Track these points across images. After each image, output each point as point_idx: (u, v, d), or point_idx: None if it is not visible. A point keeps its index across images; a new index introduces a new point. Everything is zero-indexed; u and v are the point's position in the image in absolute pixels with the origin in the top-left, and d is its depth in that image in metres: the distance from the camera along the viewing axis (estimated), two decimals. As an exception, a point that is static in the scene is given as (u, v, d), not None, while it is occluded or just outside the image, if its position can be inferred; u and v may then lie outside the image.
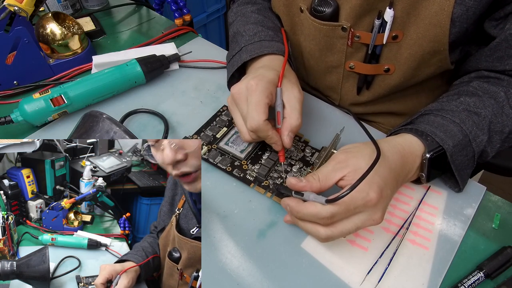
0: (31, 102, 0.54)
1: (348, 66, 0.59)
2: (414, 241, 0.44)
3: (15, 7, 0.55)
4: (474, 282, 0.39)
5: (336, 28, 0.54)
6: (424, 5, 0.48)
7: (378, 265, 0.41)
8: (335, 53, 0.58)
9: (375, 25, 0.51)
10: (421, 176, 0.46)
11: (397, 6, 0.49)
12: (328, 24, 0.54)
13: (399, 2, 0.49)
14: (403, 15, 0.50)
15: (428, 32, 0.50)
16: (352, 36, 0.55)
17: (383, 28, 0.52)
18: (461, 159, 0.45)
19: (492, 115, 0.47)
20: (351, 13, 0.52)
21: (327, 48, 0.58)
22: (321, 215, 0.38)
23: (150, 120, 0.58)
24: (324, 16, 0.54)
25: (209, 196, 0.48)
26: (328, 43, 0.57)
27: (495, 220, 0.46)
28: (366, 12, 0.51)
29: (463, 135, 0.45)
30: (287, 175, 0.49)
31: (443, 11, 0.47)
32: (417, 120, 0.48)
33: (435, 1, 0.47)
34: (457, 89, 0.53)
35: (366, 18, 0.52)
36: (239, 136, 0.54)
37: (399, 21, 0.51)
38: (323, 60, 0.60)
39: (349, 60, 0.58)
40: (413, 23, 0.51)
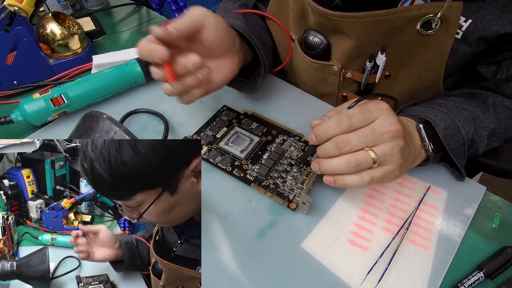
0: (31, 102, 0.54)
1: (341, 95, 0.59)
2: (414, 241, 0.44)
3: (15, 7, 0.55)
4: (474, 282, 0.39)
5: (327, 67, 0.54)
6: (418, 51, 0.48)
7: (378, 265, 0.41)
8: (327, 85, 0.59)
9: (367, 68, 0.51)
10: (424, 146, 0.46)
11: (390, 52, 0.49)
12: (318, 63, 0.55)
13: (392, 48, 0.49)
14: (396, 58, 0.50)
15: (423, 74, 0.51)
16: (344, 74, 0.55)
17: (375, 70, 0.51)
18: (453, 145, 0.46)
19: (478, 111, 0.48)
20: (341, 56, 0.52)
21: (319, 80, 0.59)
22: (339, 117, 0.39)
23: (150, 120, 0.58)
24: (315, 54, 0.54)
25: (209, 196, 0.48)
26: (320, 77, 0.58)
27: (495, 220, 0.46)
28: (357, 56, 0.51)
29: (451, 121, 0.46)
30: (287, 174, 0.49)
31: (439, 58, 0.48)
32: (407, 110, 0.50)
33: (429, 48, 0.47)
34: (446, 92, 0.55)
35: (357, 60, 0.52)
36: (240, 136, 0.54)
37: (392, 63, 0.51)
38: (316, 88, 0.61)
39: (341, 91, 0.59)
40: (406, 66, 0.51)
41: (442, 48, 0.47)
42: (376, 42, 0.48)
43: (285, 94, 0.62)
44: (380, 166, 0.40)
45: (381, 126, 0.39)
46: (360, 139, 0.39)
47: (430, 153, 0.46)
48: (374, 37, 0.47)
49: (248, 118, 0.57)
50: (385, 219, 0.46)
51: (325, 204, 0.47)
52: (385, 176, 0.40)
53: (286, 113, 0.59)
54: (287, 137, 0.54)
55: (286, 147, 0.53)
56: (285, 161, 0.51)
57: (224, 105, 0.60)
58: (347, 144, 0.39)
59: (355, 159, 0.39)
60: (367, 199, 0.48)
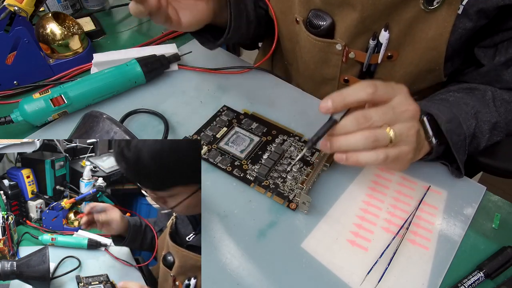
0: (31, 102, 0.54)
1: (343, 79, 0.59)
2: (414, 241, 0.44)
3: (15, 7, 0.55)
4: (474, 282, 0.39)
5: (331, 45, 0.54)
6: (420, 29, 0.49)
7: (378, 265, 0.41)
8: (330, 66, 0.58)
9: (370, 46, 0.52)
10: (427, 138, 0.45)
11: (393, 29, 0.49)
12: (323, 41, 0.55)
13: (395, 25, 0.49)
14: (399, 37, 0.50)
15: (424, 54, 0.51)
16: (347, 54, 0.55)
17: (378, 48, 0.51)
18: (455, 139, 0.45)
19: (479, 106, 0.48)
20: (346, 32, 0.52)
21: (322, 61, 0.58)
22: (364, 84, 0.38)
23: (150, 120, 0.58)
24: (320, 32, 0.54)
25: (209, 196, 0.48)
26: (323, 57, 0.57)
27: (495, 220, 0.46)
28: (361, 33, 0.51)
29: (453, 115, 0.46)
30: (287, 174, 0.49)
31: (441, 36, 0.48)
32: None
33: (431, 26, 0.48)
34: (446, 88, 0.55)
35: (361, 38, 0.52)
36: (240, 136, 0.54)
37: (394, 43, 0.51)
38: (318, 72, 0.61)
39: (343, 74, 0.58)
40: (408, 45, 0.51)
41: (445, 25, 0.47)
42: (380, 17, 0.49)
43: (285, 94, 0.62)
44: (395, 146, 0.39)
45: (401, 104, 0.39)
46: (380, 116, 0.38)
47: (433, 145, 0.45)
48: (378, 9, 0.48)
49: (248, 118, 0.57)
50: (385, 219, 0.46)
51: (325, 204, 0.47)
52: (399, 156, 0.40)
53: (286, 113, 0.59)
54: (287, 137, 0.54)
55: (286, 147, 0.53)
56: (285, 161, 0.51)
57: (224, 105, 0.60)
58: (368, 120, 0.38)
59: (373, 135, 0.38)
60: (367, 199, 0.48)
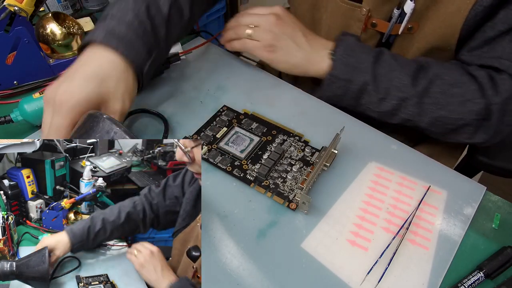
0: (31, 102, 0.54)
1: None
2: (414, 241, 0.44)
3: (15, 7, 0.55)
4: (474, 282, 0.39)
5: (355, 9, 0.56)
6: (443, 2, 0.50)
7: (378, 265, 0.41)
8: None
9: (394, 15, 0.52)
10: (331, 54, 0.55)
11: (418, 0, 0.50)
12: (348, 3, 0.56)
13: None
14: (423, 8, 0.51)
15: (440, 29, 0.52)
16: (368, 21, 0.56)
17: (401, 18, 0.52)
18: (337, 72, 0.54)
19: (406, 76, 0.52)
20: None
21: (343, 27, 0.59)
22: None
23: (150, 120, 0.58)
24: None
25: (209, 196, 0.48)
26: (345, 23, 0.58)
27: (495, 220, 0.46)
28: (388, 0, 0.52)
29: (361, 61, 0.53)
30: (287, 174, 0.49)
31: (459, 12, 0.49)
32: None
33: (454, 2, 0.48)
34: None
35: (386, 6, 0.53)
36: (240, 136, 0.54)
37: (417, 14, 0.52)
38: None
39: None
40: (429, 18, 0.52)
41: (467, 1, 0.48)
42: None
43: (285, 94, 0.62)
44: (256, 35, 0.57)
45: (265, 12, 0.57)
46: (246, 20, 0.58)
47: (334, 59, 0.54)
48: None
49: (248, 118, 0.57)
50: (385, 219, 0.46)
51: (325, 204, 0.47)
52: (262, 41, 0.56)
53: (286, 113, 0.59)
54: (287, 137, 0.54)
55: (286, 147, 0.53)
56: (285, 161, 0.51)
57: (224, 105, 0.60)
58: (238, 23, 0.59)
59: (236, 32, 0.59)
60: (367, 199, 0.48)
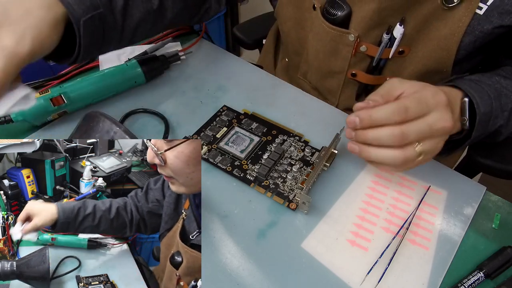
0: (31, 102, 0.54)
1: (350, 73, 0.59)
2: (414, 241, 0.44)
3: (15, 7, 0.55)
4: (474, 282, 0.39)
5: (344, 35, 0.54)
6: (435, 26, 0.48)
7: (378, 265, 0.41)
8: (339, 59, 0.58)
9: (383, 40, 0.51)
10: (463, 120, 0.44)
11: (409, 24, 0.49)
12: (336, 29, 0.54)
13: (411, 20, 0.49)
14: (413, 32, 0.50)
15: (434, 53, 0.50)
16: (358, 46, 0.54)
17: (390, 43, 0.51)
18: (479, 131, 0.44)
19: None
20: (361, 23, 0.52)
21: (332, 52, 0.58)
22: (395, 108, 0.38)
23: (150, 120, 0.58)
24: (336, 20, 0.53)
25: (209, 196, 0.48)
26: (334, 48, 0.57)
27: (495, 220, 0.46)
28: (376, 25, 0.51)
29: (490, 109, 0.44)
30: (287, 174, 0.49)
31: (453, 36, 0.47)
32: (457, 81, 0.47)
33: (446, 24, 0.47)
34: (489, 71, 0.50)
35: (375, 31, 0.52)
36: (240, 136, 0.54)
37: (408, 38, 0.50)
38: (326, 63, 0.60)
39: (352, 69, 0.58)
40: (421, 42, 0.50)
41: (459, 25, 0.46)
42: (397, 10, 0.49)
43: (285, 94, 0.62)
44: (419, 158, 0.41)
45: (438, 121, 0.39)
46: (417, 134, 0.38)
47: (465, 127, 0.44)
48: (396, 2, 0.48)
49: (248, 118, 0.57)
50: (385, 219, 0.46)
51: (325, 204, 0.47)
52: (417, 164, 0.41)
53: (286, 113, 0.59)
54: (287, 137, 0.54)
55: (286, 147, 0.53)
56: (285, 161, 0.51)
57: (224, 105, 0.60)
58: (405, 139, 0.38)
59: (403, 156, 0.39)
60: (367, 199, 0.48)
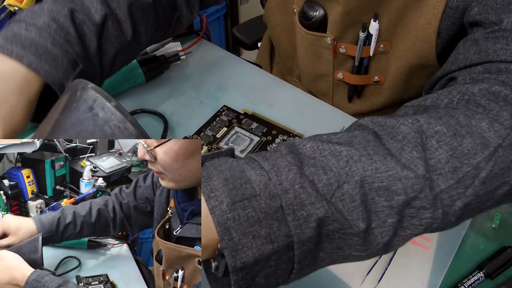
0: (31, 102, 0.54)
1: (337, 75, 0.58)
2: (414, 241, 0.43)
3: (15, 7, 0.55)
4: (474, 282, 0.39)
5: (321, 39, 0.53)
6: (411, 17, 0.47)
7: (378, 265, 0.41)
8: (322, 62, 0.57)
9: (360, 38, 0.50)
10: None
11: (383, 19, 0.48)
12: (313, 34, 0.54)
13: (384, 14, 0.48)
14: (390, 27, 0.49)
15: (415, 46, 0.49)
16: (336, 48, 0.53)
17: (368, 41, 0.51)
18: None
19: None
20: (334, 26, 0.51)
21: (315, 56, 0.57)
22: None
23: (150, 120, 0.58)
24: (313, 24, 0.53)
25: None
26: (315, 52, 0.56)
27: (495, 220, 0.46)
28: (349, 25, 0.50)
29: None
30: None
31: (430, 25, 0.46)
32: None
33: (422, 13, 0.46)
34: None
35: (350, 31, 0.51)
36: (240, 136, 0.54)
37: (386, 33, 0.50)
38: (312, 67, 0.60)
39: (337, 70, 0.57)
40: (400, 35, 0.50)
41: (434, 12, 0.45)
42: (367, 8, 0.47)
43: (285, 94, 0.62)
44: None
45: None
46: None
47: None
48: (362, 1, 0.47)
49: (248, 118, 0.57)
50: (385, 219, 0.45)
51: (325, 204, 0.47)
52: None
53: (286, 113, 0.59)
54: (287, 137, 0.54)
55: (286, 147, 0.53)
56: (285, 161, 0.51)
57: (224, 105, 0.60)
58: None
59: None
60: (367, 199, 0.47)
